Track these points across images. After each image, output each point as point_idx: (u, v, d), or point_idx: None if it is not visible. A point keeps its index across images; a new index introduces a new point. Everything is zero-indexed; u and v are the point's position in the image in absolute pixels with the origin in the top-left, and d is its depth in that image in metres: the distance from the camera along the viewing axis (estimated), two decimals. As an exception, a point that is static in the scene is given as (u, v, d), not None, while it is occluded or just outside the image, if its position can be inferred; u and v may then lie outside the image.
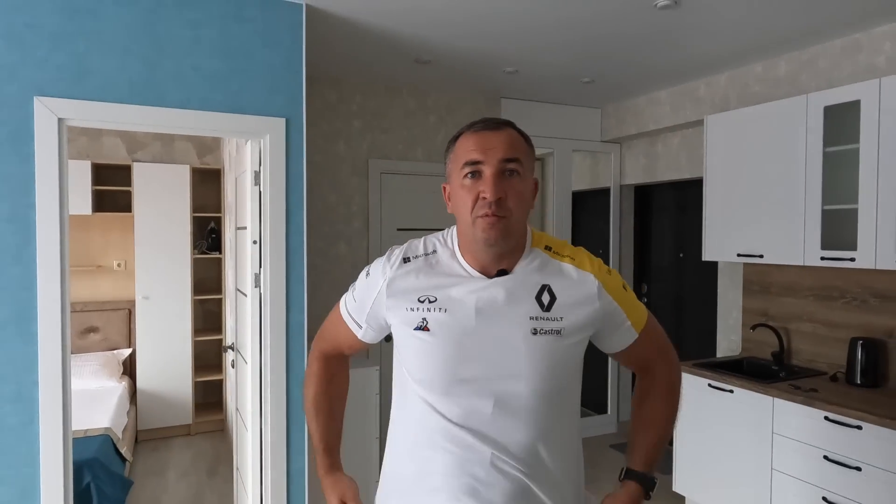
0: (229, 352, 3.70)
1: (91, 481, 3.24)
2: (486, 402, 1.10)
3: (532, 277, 1.15)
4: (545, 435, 1.11)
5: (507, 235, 1.11)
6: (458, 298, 1.13)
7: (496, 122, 1.15)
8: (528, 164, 1.15)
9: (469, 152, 1.11)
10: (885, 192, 2.61)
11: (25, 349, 2.23)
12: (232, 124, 2.52)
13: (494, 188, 1.08)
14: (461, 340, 1.11)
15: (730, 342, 3.82)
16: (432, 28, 2.96)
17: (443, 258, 1.19)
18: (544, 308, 1.12)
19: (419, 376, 1.15)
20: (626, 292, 1.20)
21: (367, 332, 1.28)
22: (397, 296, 1.17)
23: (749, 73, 3.52)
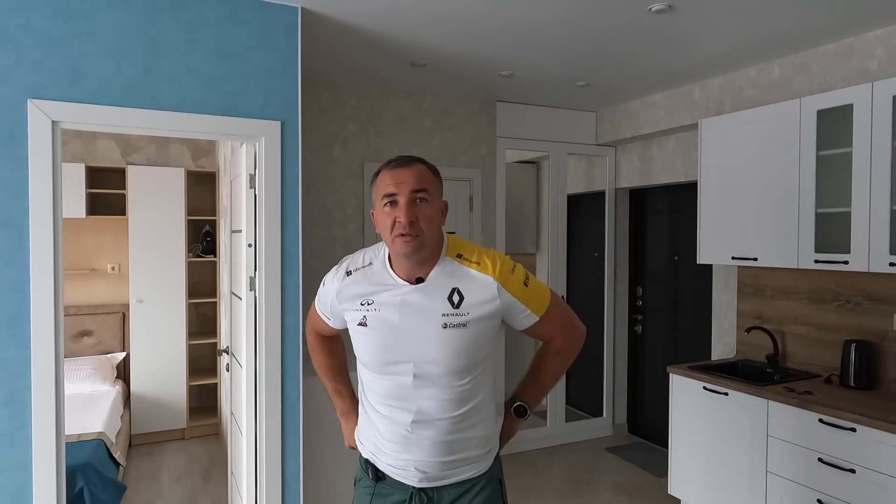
0: (224, 355, 3.69)
1: (84, 486, 3.22)
2: (408, 379, 1.43)
3: (444, 281, 1.45)
4: (458, 399, 1.45)
5: (421, 249, 1.41)
6: (387, 301, 1.46)
7: (407, 159, 1.45)
8: (436, 191, 1.46)
9: (387, 186, 1.41)
10: (877, 195, 2.63)
11: (18, 353, 2.22)
12: (227, 127, 2.52)
13: (407, 213, 1.38)
14: (389, 333, 1.44)
15: (724, 345, 3.83)
16: (427, 31, 2.97)
17: (376, 269, 1.51)
18: (454, 306, 1.43)
19: (363, 360, 1.51)
20: (527, 287, 1.49)
21: (335, 322, 1.63)
22: (345, 301, 1.52)
23: (743, 76, 3.54)
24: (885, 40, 2.85)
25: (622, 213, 4.86)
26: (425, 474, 1.47)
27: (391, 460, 1.50)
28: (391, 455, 1.49)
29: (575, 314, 1.63)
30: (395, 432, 1.47)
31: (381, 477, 1.52)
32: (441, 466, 1.47)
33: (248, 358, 2.66)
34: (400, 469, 1.48)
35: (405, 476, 1.48)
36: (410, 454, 1.46)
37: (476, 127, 4.33)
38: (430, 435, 1.45)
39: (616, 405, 4.89)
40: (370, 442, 1.54)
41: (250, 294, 2.66)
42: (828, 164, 2.89)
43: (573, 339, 1.61)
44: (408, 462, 1.47)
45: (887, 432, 2.37)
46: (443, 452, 1.46)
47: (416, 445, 1.45)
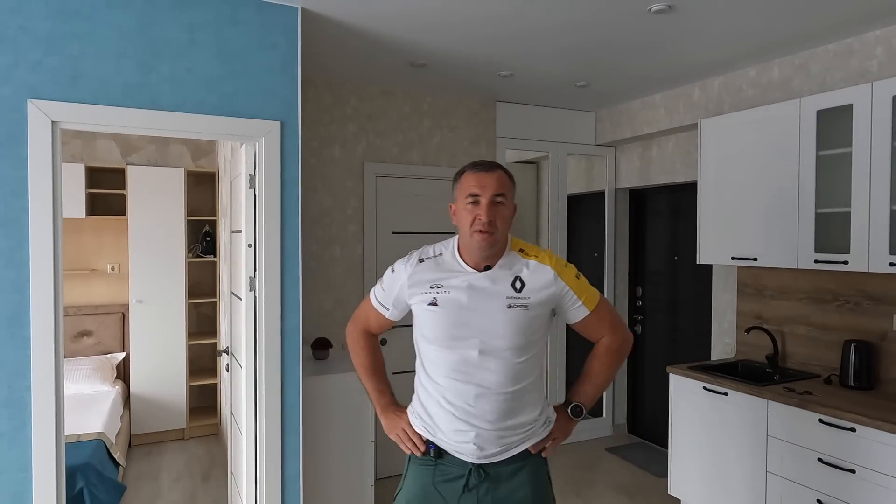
0: (224, 355, 3.68)
1: (84, 486, 3.22)
2: (473, 353, 1.60)
3: (508, 270, 1.66)
4: (515, 375, 1.62)
5: (494, 244, 1.63)
6: (457, 285, 1.64)
7: (490, 165, 1.66)
8: (511, 195, 1.67)
9: (471, 186, 1.63)
10: (877, 195, 2.63)
11: (17, 353, 2.22)
12: (227, 127, 2.52)
13: (488, 213, 1.60)
14: (458, 312, 1.62)
15: (724, 345, 3.84)
16: (427, 32, 2.97)
17: (447, 258, 1.71)
18: (517, 291, 1.63)
19: (431, 336, 1.66)
20: (579, 280, 1.70)
21: (392, 312, 1.80)
22: (415, 285, 1.69)
23: (743, 77, 3.54)
24: (884, 40, 2.85)
25: (622, 213, 4.87)
26: (483, 451, 1.60)
27: (451, 437, 1.63)
28: (451, 431, 1.62)
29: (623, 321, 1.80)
30: (457, 405, 1.61)
31: (441, 454, 1.65)
32: (496, 441, 1.61)
33: (248, 358, 2.66)
34: (459, 444, 1.62)
35: (464, 452, 1.62)
36: (470, 427, 1.60)
37: (476, 127, 4.33)
38: (489, 408, 1.59)
39: (616, 405, 4.89)
40: (430, 420, 1.67)
41: (250, 294, 2.66)
42: (827, 164, 2.89)
43: (621, 342, 1.76)
44: (467, 436, 1.60)
45: (887, 432, 2.37)
46: (499, 426, 1.60)
47: (476, 417, 1.60)
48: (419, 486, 1.68)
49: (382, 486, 3.75)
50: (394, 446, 1.83)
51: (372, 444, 3.13)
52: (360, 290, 3.95)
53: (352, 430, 3.06)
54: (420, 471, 1.69)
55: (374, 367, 1.86)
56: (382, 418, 1.81)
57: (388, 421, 1.79)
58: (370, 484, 3.12)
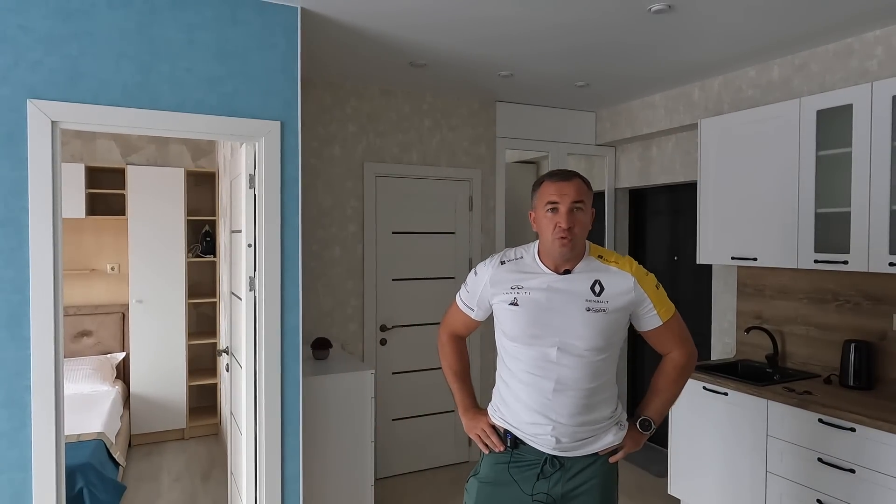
0: (223, 355, 3.69)
1: (84, 486, 3.22)
2: (552, 350, 1.68)
3: (587, 275, 1.73)
4: (592, 372, 1.69)
5: (574, 249, 1.70)
6: (536, 286, 1.73)
7: (568, 174, 1.73)
8: (588, 202, 1.73)
9: (550, 195, 1.70)
10: (877, 195, 2.63)
11: (17, 353, 2.22)
12: (227, 127, 2.52)
13: (567, 220, 1.67)
14: (538, 312, 1.70)
15: (724, 345, 3.83)
16: (427, 32, 2.97)
17: (527, 261, 1.79)
18: (596, 294, 1.70)
19: (512, 334, 1.74)
20: (658, 290, 1.76)
21: (477, 313, 1.88)
22: (497, 285, 1.78)
23: (742, 77, 3.54)
24: (884, 40, 2.85)
25: (622, 213, 4.86)
26: (560, 443, 1.69)
27: (530, 427, 1.71)
28: (531, 422, 1.71)
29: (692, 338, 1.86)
30: (536, 399, 1.69)
31: (518, 444, 1.74)
32: (573, 435, 1.69)
33: (248, 358, 2.66)
34: (536, 435, 1.71)
35: (541, 444, 1.71)
36: (548, 420, 1.68)
37: (476, 127, 4.33)
38: (567, 402, 1.68)
39: (616, 405, 4.88)
40: (511, 412, 1.75)
41: (250, 294, 2.66)
42: (827, 164, 2.89)
43: (688, 357, 1.83)
44: (545, 429, 1.69)
45: (887, 432, 2.37)
46: (576, 420, 1.68)
47: (554, 411, 1.68)
48: (494, 470, 1.77)
49: (382, 486, 3.76)
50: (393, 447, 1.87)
51: (372, 444, 3.13)
52: (360, 290, 3.95)
53: (352, 430, 3.06)
54: (496, 457, 1.78)
55: (459, 370, 1.96)
56: (464, 418, 1.89)
57: (468, 420, 1.87)
58: (370, 484, 3.12)
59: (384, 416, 3.94)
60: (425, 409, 4.17)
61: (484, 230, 4.34)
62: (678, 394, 1.85)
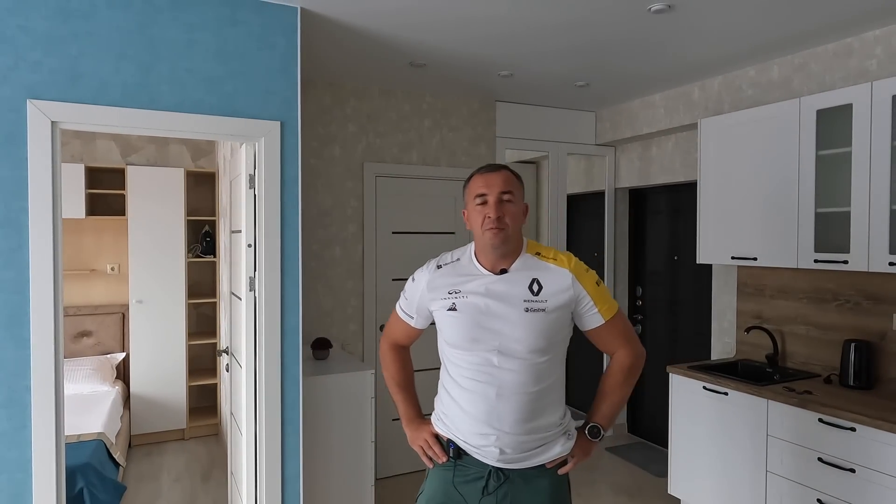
0: (223, 356, 3.69)
1: (84, 486, 3.22)
2: (493, 355, 1.61)
3: (525, 273, 1.66)
4: (535, 376, 1.62)
5: (506, 241, 1.63)
6: (474, 289, 1.66)
7: (496, 166, 1.71)
8: (519, 194, 1.68)
9: (479, 187, 1.66)
10: (877, 194, 2.63)
11: (17, 353, 2.22)
12: (227, 127, 2.52)
13: (496, 210, 1.62)
14: (477, 316, 1.63)
15: (724, 345, 3.84)
16: (427, 32, 2.97)
17: (464, 263, 1.73)
18: (534, 294, 1.63)
19: (453, 341, 1.67)
20: (599, 287, 1.69)
21: (417, 321, 1.81)
22: (434, 290, 1.72)
23: (742, 76, 3.54)
24: (884, 40, 2.85)
25: (622, 213, 4.87)
26: (504, 454, 1.61)
27: (473, 438, 1.64)
28: (473, 433, 1.63)
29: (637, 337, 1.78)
30: (479, 407, 1.62)
31: (461, 455, 1.67)
32: (518, 446, 1.61)
33: (248, 358, 2.66)
34: (480, 447, 1.63)
35: (484, 455, 1.63)
36: (492, 428, 1.60)
37: (476, 127, 4.33)
38: (511, 409, 1.60)
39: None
40: (453, 422, 1.68)
41: (250, 294, 2.66)
42: (827, 163, 2.89)
43: (634, 358, 1.74)
44: (489, 438, 1.61)
45: (887, 432, 2.37)
46: (521, 428, 1.60)
47: (498, 419, 1.60)
48: (440, 486, 1.69)
49: (382, 486, 3.76)
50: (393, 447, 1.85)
51: (372, 444, 3.13)
52: (360, 290, 3.95)
53: (352, 430, 3.06)
54: (441, 472, 1.71)
55: (402, 380, 1.89)
56: (407, 430, 1.83)
57: (412, 432, 1.81)
58: (370, 484, 3.12)
59: (384, 416, 3.94)
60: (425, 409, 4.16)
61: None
62: (626, 396, 1.77)
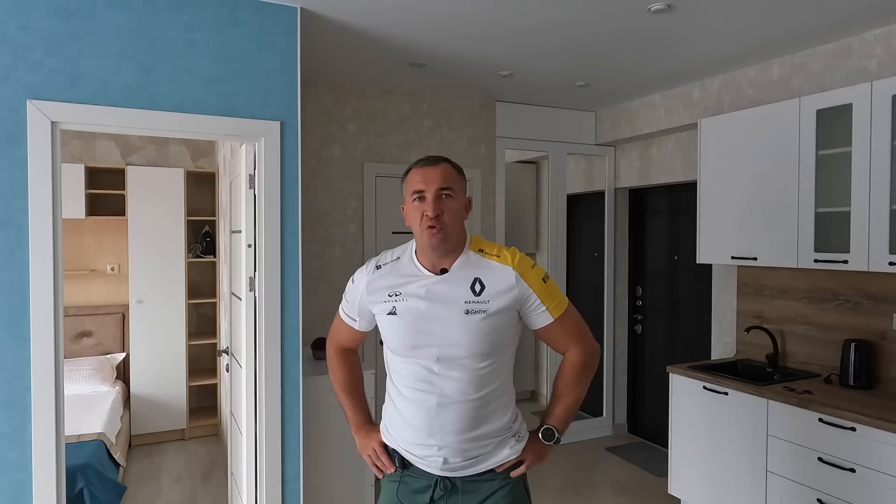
0: (224, 356, 3.68)
1: (84, 487, 3.22)
2: (432, 362, 1.51)
3: (466, 272, 1.56)
4: (478, 382, 1.52)
5: (446, 240, 1.52)
6: (414, 291, 1.55)
7: (434, 159, 1.57)
8: (459, 188, 1.57)
9: (416, 183, 1.54)
10: (877, 194, 2.63)
11: (17, 354, 2.22)
12: (226, 128, 2.52)
13: (434, 208, 1.50)
14: (416, 320, 1.53)
15: (724, 344, 3.84)
16: (427, 32, 2.97)
17: (404, 262, 1.62)
18: (476, 294, 1.53)
19: (392, 346, 1.58)
20: (546, 284, 1.58)
21: (360, 323, 1.71)
22: (374, 293, 1.61)
23: (742, 76, 3.54)
24: (883, 40, 2.85)
25: (622, 212, 4.86)
26: (447, 463, 1.53)
27: (416, 448, 1.56)
28: (416, 443, 1.55)
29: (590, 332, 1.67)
30: (419, 417, 1.53)
31: (406, 465, 1.59)
32: (462, 453, 1.53)
33: (248, 358, 2.66)
34: (424, 457, 1.55)
35: (429, 465, 1.55)
36: (434, 439, 1.52)
37: (475, 127, 4.33)
38: (453, 418, 1.51)
39: (616, 405, 4.89)
40: (396, 432, 1.60)
41: (250, 294, 2.66)
42: (827, 163, 2.89)
43: (586, 355, 1.64)
44: (431, 448, 1.53)
45: (887, 431, 2.37)
46: (464, 437, 1.51)
47: (440, 429, 1.51)
48: (389, 499, 1.62)
49: (382, 486, 3.75)
50: None
51: (372, 444, 3.12)
52: (360, 290, 3.94)
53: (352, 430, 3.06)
54: (388, 483, 1.64)
55: (348, 384, 1.78)
56: (356, 437, 1.73)
57: (360, 439, 1.71)
58: (370, 484, 3.12)
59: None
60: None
61: (484, 230, 4.34)
62: (581, 396, 1.66)
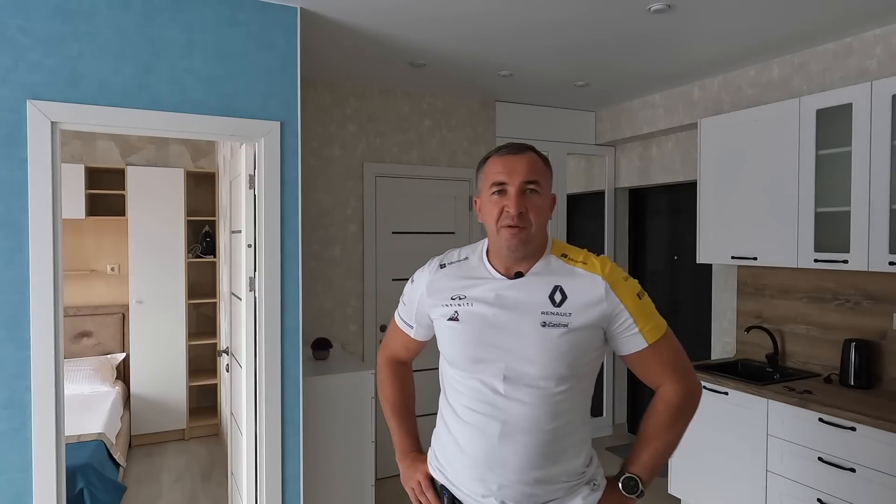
0: (224, 356, 3.69)
1: (84, 487, 3.22)
2: (498, 380, 1.28)
3: (545, 278, 1.33)
4: (552, 410, 1.28)
5: (527, 242, 1.31)
6: (481, 296, 1.34)
7: (519, 147, 1.35)
8: (546, 183, 1.35)
9: (497, 174, 1.32)
10: (877, 194, 2.63)
11: (17, 354, 2.22)
12: (226, 128, 2.52)
13: (517, 204, 1.29)
14: (481, 329, 1.31)
15: (724, 344, 3.84)
16: (426, 30, 2.97)
17: (472, 263, 1.42)
18: (555, 304, 1.30)
19: (450, 357, 1.37)
20: (641, 301, 1.33)
21: (417, 331, 1.51)
22: (435, 294, 1.41)
23: (742, 76, 3.54)
24: (883, 40, 2.85)
25: (622, 212, 4.87)
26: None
27: (470, 485, 1.32)
28: (471, 478, 1.32)
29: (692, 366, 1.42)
30: (478, 446, 1.30)
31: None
32: (525, 497, 1.29)
33: (248, 358, 2.66)
34: (478, 497, 1.31)
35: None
36: (493, 474, 1.29)
37: (475, 127, 4.33)
38: (518, 451, 1.27)
39: (616, 405, 4.89)
40: (448, 462, 1.38)
41: (250, 294, 2.66)
42: (827, 163, 2.89)
43: (687, 392, 1.37)
44: (489, 487, 1.29)
45: (887, 431, 2.37)
46: (529, 476, 1.28)
47: (500, 463, 1.28)
48: None
49: (382, 486, 3.75)
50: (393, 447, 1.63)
51: (372, 444, 3.13)
52: (360, 290, 3.95)
53: (352, 430, 3.06)
54: None
55: (398, 403, 1.57)
56: (401, 465, 1.51)
57: (405, 469, 1.50)
58: (370, 484, 3.12)
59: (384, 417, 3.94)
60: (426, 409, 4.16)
61: (484, 230, 4.33)
62: (674, 443, 1.38)
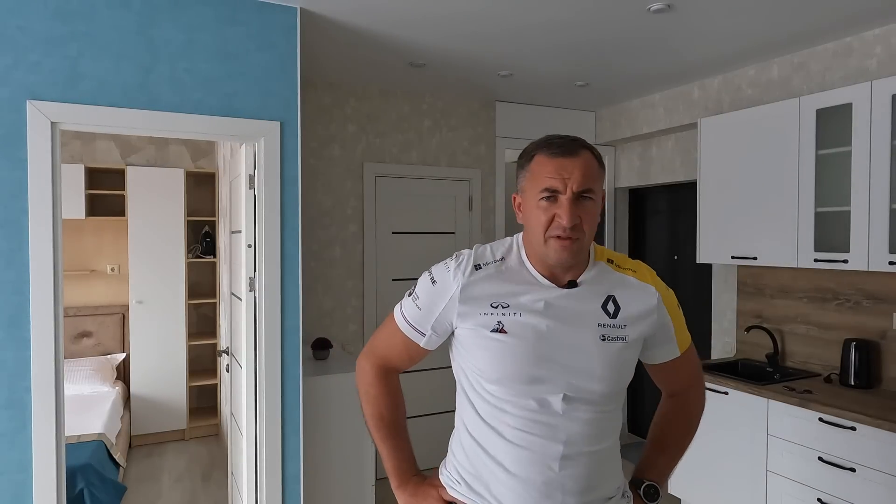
0: (224, 356, 3.69)
1: (84, 487, 3.22)
2: (557, 400, 1.16)
3: (598, 287, 1.22)
4: (602, 428, 1.20)
5: (578, 254, 1.19)
6: (531, 304, 1.19)
7: (573, 146, 1.18)
8: (600, 187, 1.21)
9: (548, 178, 1.16)
10: (877, 194, 2.63)
11: (17, 354, 2.22)
12: (226, 128, 2.51)
13: (571, 215, 1.14)
14: (537, 343, 1.17)
15: (724, 344, 3.84)
16: (426, 32, 2.97)
17: (512, 265, 1.24)
18: (610, 316, 1.20)
19: (495, 375, 1.18)
20: (679, 311, 1.30)
21: (431, 339, 1.28)
22: (470, 301, 1.21)
23: (742, 76, 3.54)
24: (883, 39, 2.85)
25: (621, 212, 4.86)
26: None
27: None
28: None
29: None
30: (535, 472, 1.15)
31: None
32: None
33: (248, 358, 2.66)
34: None
35: None
36: (552, 501, 1.14)
37: (475, 127, 4.33)
38: (579, 474, 1.16)
39: (616, 405, 4.88)
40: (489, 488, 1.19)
41: (250, 295, 2.66)
42: (827, 163, 2.89)
43: (700, 399, 1.38)
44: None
45: (887, 431, 2.37)
46: (587, 499, 1.18)
47: (561, 488, 1.14)
48: None
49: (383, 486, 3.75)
50: None
51: (372, 444, 3.13)
52: (360, 290, 3.95)
53: (352, 430, 3.06)
54: None
55: (396, 423, 1.34)
56: (401, 493, 1.30)
57: (408, 497, 1.29)
58: (370, 484, 3.12)
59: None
60: (426, 409, 4.16)
61: (484, 230, 4.34)
62: (687, 446, 1.38)
